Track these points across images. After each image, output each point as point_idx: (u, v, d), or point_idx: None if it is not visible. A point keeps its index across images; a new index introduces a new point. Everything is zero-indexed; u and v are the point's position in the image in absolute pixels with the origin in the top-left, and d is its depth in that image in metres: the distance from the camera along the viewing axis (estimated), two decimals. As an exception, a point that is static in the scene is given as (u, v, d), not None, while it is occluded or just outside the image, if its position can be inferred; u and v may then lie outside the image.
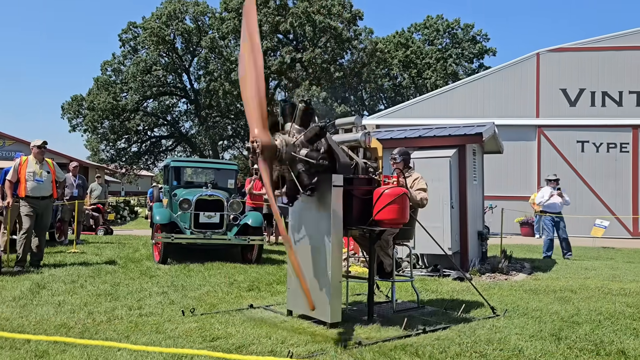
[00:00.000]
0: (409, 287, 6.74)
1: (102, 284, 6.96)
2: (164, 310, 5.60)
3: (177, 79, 40.99)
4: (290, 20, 34.99)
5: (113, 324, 4.96)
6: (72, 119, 39.57)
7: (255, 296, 6.55)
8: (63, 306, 5.61)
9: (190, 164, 12.03)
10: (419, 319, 5.38)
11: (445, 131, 9.07)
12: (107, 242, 12.34)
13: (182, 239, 9.04)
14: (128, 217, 23.49)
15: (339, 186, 5.10)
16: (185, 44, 39.73)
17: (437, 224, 8.08)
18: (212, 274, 8.00)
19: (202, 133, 40.12)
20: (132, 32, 39.35)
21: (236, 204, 9.64)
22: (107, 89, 37.53)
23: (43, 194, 8.12)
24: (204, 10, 38.98)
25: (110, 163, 39.65)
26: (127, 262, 9.07)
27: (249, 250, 9.55)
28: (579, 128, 17.84)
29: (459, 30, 46.20)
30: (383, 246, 5.70)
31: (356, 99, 44.39)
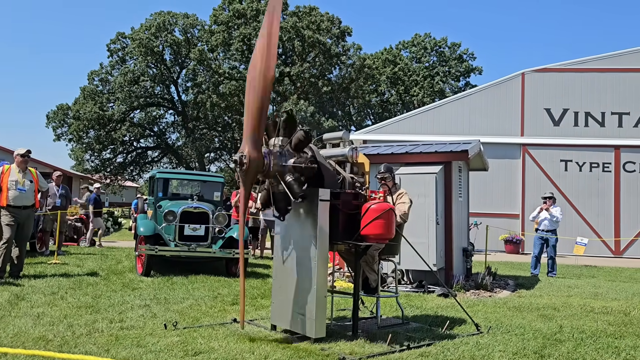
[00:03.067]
0: (394, 303, 6.73)
1: (83, 296, 6.84)
2: (146, 323, 5.52)
3: (165, 91, 40.89)
4: (280, 35, 35.18)
5: (93, 337, 4.87)
6: (57, 128, 39.20)
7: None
8: (42, 318, 5.49)
9: (176, 175, 11.93)
10: (404, 335, 5.36)
11: (431, 148, 9.14)
12: (90, 254, 12.16)
13: (166, 251, 8.94)
14: (112, 229, 23.19)
15: (325, 200, 5.10)
16: (173, 56, 39.72)
17: (423, 240, 8.10)
18: (195, 287, 7.91)
19: (189, 145, 39.96)
20: (120, 43, 39.26)
21: (221, 217, 9.58)
22: (93, 99, 37.27)
23: (25, 204, 7.99)
24: (193, 22, 39.09)
25: (94, 173, 39.24)
26: (109, 273, 8.94)
27: (234, 264, 9.47)
28: (562, 147, 18.11)
29: (446, 48, 46.85)
30: (369, 261, 5.69)
31: (344, 114, 44.63)
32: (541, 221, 11.60)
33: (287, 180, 4.91)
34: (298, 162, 4.94)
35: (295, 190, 4.84)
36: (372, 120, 45.86)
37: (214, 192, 10.91)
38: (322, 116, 35.55)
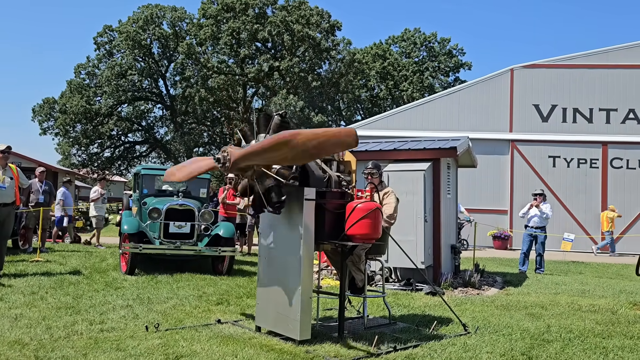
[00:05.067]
0: (381, 302, 6.65)
1: (64, 296, 6.69)
2: (127, 325, 5.39)
3: (153, 84, 40.44)
4: (269, 29, 34.92)
5: (71, 340, 4.74)
6: (43, 121, 38.62)
7: (224, 310, 6.37)
8: (20, 320, 5.34)
9: (161, 172, 11.75)
10: (390, 336, 5.29)
11: (420, 144, 9.06)
12: (74, 251, 11.95)
13: (151, 250, 8.79)
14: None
15: (311, 199, 4.99)
16: (161, 49, 39.27)
17: (411, 238, 8.03)
18: (180, 286, 7.78)
19: (177, 139, 39.58)
20: (107, 36, 38.73)
21: (207, 214, 9.44)
22: (80, 92, 36.78)
23: (5, 201, 7.80)
24: (181, 15, 38.66)
25: (81, 168, 38.77)
26: (92, 272, 8.77)
27: (220, 262, 9.34)
28: (550, 143, 18.14)
29: (435, 43, 46.80)
30: (355, 261, 5.60)
31: (333, 109, 44.48)
32: (531, 218, 11.59)
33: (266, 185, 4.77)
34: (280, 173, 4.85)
35: (272, 200, 4.73)
36: (362, 115, 45.75)
37: (200, 189, 10.75)
38: (311, 111, 35.38)
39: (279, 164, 4.66)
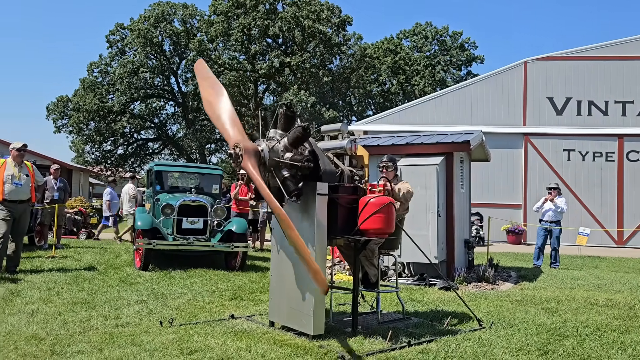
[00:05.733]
0: (395, 297, 6.62)
1: (79, 291, 6.75)
2: (142, 320, 5.42)
3: (165, 82, 40.65)
4: (280, 25, 34.88)
5: (87, 335, 4.77)
6: (57, 120, 39.02)
7: (237, 305, 6.39)
8: (36, 315, 5.40)
9: (174, 168, 11.80)
10: (404, 331, 5.26)
11: (433, 138, 8.99)
12: (89, 247, 12.07)
13: (164, 246, 8.84)
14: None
15: (323, 194, 4.98)
16: (173, 47, 39.43)
17: (424, 232, 7.99)
18: (194, 282, 7.82)
19: (190, 136, 39.79)
20: (119, 34, 38.98)
21: (220, 210, 9.46)
22: (93, 90, 37.08)
23: (21, 198, 7.88)
24: (192, 12, 38.75)
25: (95, 165, 39.14)
26: (107, 268, 8.85)
27: (233, 257, 9.37)
28: (565, 136, 17.92)
29: (447, 37, 46.44)
30: (368, 256, 5.57)
31: (344, 104, 44.37)
32: (545, 212, 11.46)
33: (283, 175, 4.77)
34: (294, 159, 4.79)
35: (290, 188, 4.70)
36: (373, 110, 45.58)
37: (212, 185, 10.78)
38: (322, 106, 35.32)
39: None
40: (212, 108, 5.09)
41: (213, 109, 5.08)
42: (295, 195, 4.68)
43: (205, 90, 5.27)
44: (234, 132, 4.80)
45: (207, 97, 5.19)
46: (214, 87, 5.25)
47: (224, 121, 4.91)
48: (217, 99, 5.10)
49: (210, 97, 5.16)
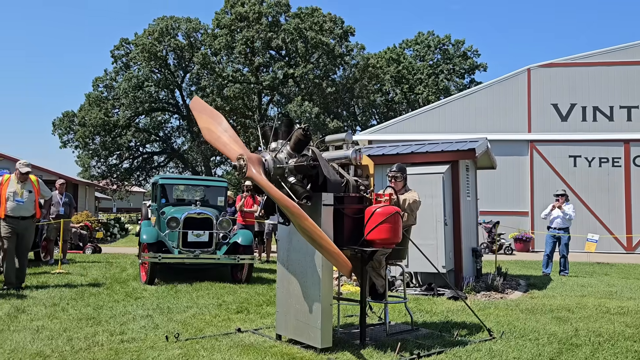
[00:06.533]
0: (403, 308, 6.54)
1: (85, 307, 6.71)
2: (147, 335, 5.37)
3: (169, 95, 40.90)
4: (283, 37, 35.09)
5: (92, 352, 4.72)
6: (63, 135, 39.31)
7: (244, 319, 6.33)
8: (41, 332, 5.36)
9: (178, 181, 11.80)
10: (413, 343, 5.18)
11: (438, 147, 8.94)
12: (95, 262, 12.05)
13: (170, 259, 8.79)
14: (118, 235, 23.13)
15: (329, 205, 4.93)
16: (177, 60, 39.72)
17: (431, 242, 7.91)
18: (200, 295, 7.76)
19: (194, 149, 39.95)
20: (124, 48, 39.33)
21: (225, 222, 9.42)
22: (98, 105, 37.36)
23: (23, 214, 7.86)
24: (196, 26, 39.06)
25: (101, 179, 39.30)
26: (112, 282, 8.81)
27: (239, 270, 9.32)
28: (570, 143, 17.83)
29: (449, 46, 46.57)
30: (375, 267, 5.51)
31: (349, 114, 44.45)
32: (553, 219, 11.35)
33: (290, 181, 4.76)
34: (299, 162, 4.78)
35: (299, 192, 4.68)
36: (377, 119, 45.64)
37: (217, 197, 10.76)
38: (327, 117, 35.38)
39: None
40: (211, 133, 5.19)
41: (212, 133, 5.18)
42: (305, 198, 4.65)
43: (203, 121, 5.36)
44: (235, 146, 4.85)
45: (205, 125, 5.30)
46: (211, 116, 5.35)
47: (225, 141, 4.99)
48: (215, 124, 5.19)
49: (208, 125, 5.26)
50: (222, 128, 5.14)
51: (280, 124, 5.05)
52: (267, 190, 4.56)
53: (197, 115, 5.56)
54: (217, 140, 5.09)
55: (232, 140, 4.97)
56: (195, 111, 5.64)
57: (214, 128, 5.18)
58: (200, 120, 5.44)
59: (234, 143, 4.94)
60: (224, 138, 5.03)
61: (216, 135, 5.11)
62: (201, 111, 5.55)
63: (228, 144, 4.95)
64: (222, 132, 5.09)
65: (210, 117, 5.34)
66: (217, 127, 5.15)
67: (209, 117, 5.36)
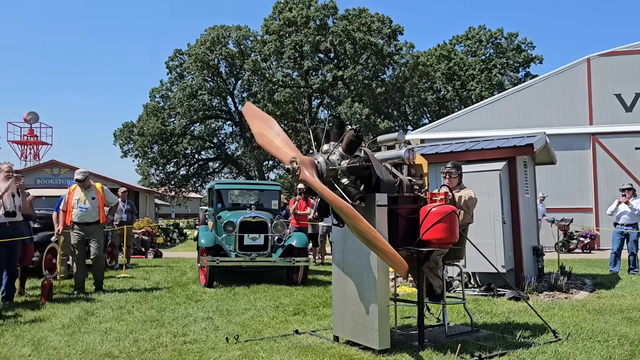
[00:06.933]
0: (462, 309, 6.40)
1: (149, 309, 6.97)
2: (209, 336, 5.51)
3: (222, 102, 41.87)
4: (331, 39, 35.21)
5: (157, 353, 4.90)
6: (124, 145, 40.97)
7: (301, 320, 6.38)
8: (109, 334, 5.61)
9: (233, 186, 12.05)
10: (474, 344, 5.05)
11: (493, 143, 8.71)
12: (156, 266, 12.50)
13: (227, 262, 9.00)
14: (177, 240, 23.91)
15: (382, 205, 4.90)
16: (228, 68, 40.62)
17: (489, 241, 7.70)
18: (257, 297, 7.89)
19: (248, 154, 40.70)
20: (178, 59, 40.62)
21: (280, 225, 9.55)
22: (155, 115, 38.72)
23: (87, 220, 8.28)
24: (246, 34, 39.82)
25: (160, 186, 40.71)
26: (174, 286, 9.11)
27: (295, 272, 9.41)
28: (636, 134, 16.89)
29: (502, 39, 45.24)
30: (432, 267, 5.42)
31: (399, 114, 44.00)
32: (620, 215, 10.78)
33: (343, 183, 4.77)
34: (351, 163, 4.78)
35: (352, 193, 4.68)
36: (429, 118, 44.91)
37: (271, 201, 10.91)
38: (377, 117, 35.18)
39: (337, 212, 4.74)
40: (264, 137, 5.27)
41: (264, 138, 5.26)
42: (359, 199, 4.65)
43: (256, 126, 5.45)
44: (288, 149, 4.91)
45: (258, 130, 5.38)
46: (264, 121, 5.43)
47: (277, 144, 5.05)
48: (268, 128, 5.27)
49: (261, 130, 5.34)
50: (274, 132, 5.22)
51: (332, 126, 5.08)
52: (320, 192, 4.58)
53: (250, 121, 5.66)
54: (269, 144, 5.18)
55: (285, 144, 5.04)
56: (248, 116, 5.76)
57: (266, 132, 5.26)
58: (253, 125, 5.54)
59: (287, 146, 5.01)
60: (276, 142, 5.10)
61: (269, 139, 5.19)
62: (254, 116, 5.66)
63: (281, 148, 5.02)
64: (275, 136, 5.16)
65: (262, 122, 5.43)
66: (270, 131, 5.23)
67: (261, 121, 5.45)
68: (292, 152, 4.87)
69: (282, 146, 5.02)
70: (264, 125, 5.36)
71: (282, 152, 4.99)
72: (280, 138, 5.12)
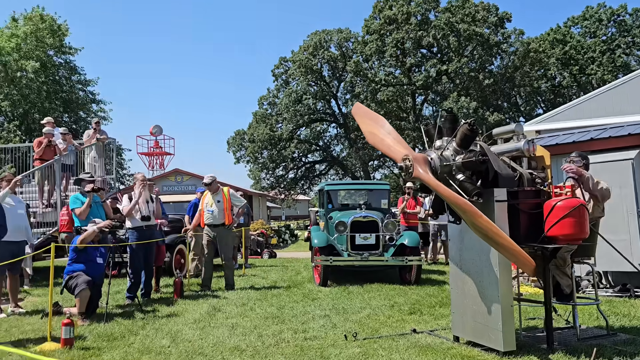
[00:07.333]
0: (593, 311, 5.93)
1: (269, 306, 7.28)
2: (327, 334, 5.63)
3: (326, 105, 42.63)
4: (433, 33, 34.39)
5: (280, 347, 5.10)
6: (236, 151, 43.24)
7: (417, 320, 6.30)
8: (236, 329, 5.94)
9: (343, 187, 12.22)
10: (612, 349, 4.66)
11: (623, 130, 7.98)
12: (272, 265, 13.03)
13: (340, 262, 9.14)
14: (289, 240, 24.74)
15: (502, 201, 4.69)
16: (331, 71, 41.27)
17: (623, 237, 7.06)
18: (372, 297, 7.92)
19: (353, 155, 41.02)
20: (283, 67, 42.04)
21: (391, 224, 9.51)
22: (264, 122, 40.41)
23: (214, 222, 8.87)
24: (347, 36, 40.19)
25: (270, 190, 42.41)
26: (290, 285, 9.43)
27: (407, 271, 9.32)
28: None
29: (626, 16, 41.20)
30: (559, 265, 5.08)
31: (510, 105, 41.79)
32: None
33: (459, 179, 4.64)
34: (467, 158, 4.63)
35: (469, 189, 4.53)
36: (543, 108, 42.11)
37: (381, 200, 10.91)
38: (485, 111, 33.72)
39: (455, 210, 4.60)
40: (375, 136, 5.29)
41: (375, 137, 5.28)
42: (476, 195, 4.49)
43: (366, 126, 5.48)
44: (400, 147, 4.88)
45: (368, 129, 5.41)
46: (373, 120, 5.46)
47: (389, 143, 5.04)
48: (378, 127, 5.28)
49: (371, 129, 5.36)
50: (385, 131, 5.22)
51: (444, 121, 4.96)
52: (436, 189, 4.50)
53: (360, 120, 5.71)
54: (381, 143, 5.18)
55: (396, 142, 5.01)
56: (358, 116, 5.80)
57: (377, 131, 5.27)
58: (363, 125, 5.58)
59: (398, 144, 4.98)
60: (387, 140, 5.10)
61: (380, 138, 5.20)
62: (363, 116, 5.70)
63: (392, 146, 5.01)
64: (386, 134, 5.16)
65: (372, 121, 5.45)
66: (380, 130, 5.23)
67: (371, 121, 5.47)
68: (404, 150, 4.83)
69: (394, 144, 5.00)
70: (375, 124, 5.37)
71: (393, 150, 4.97)
72: (391, 136, 5.11)
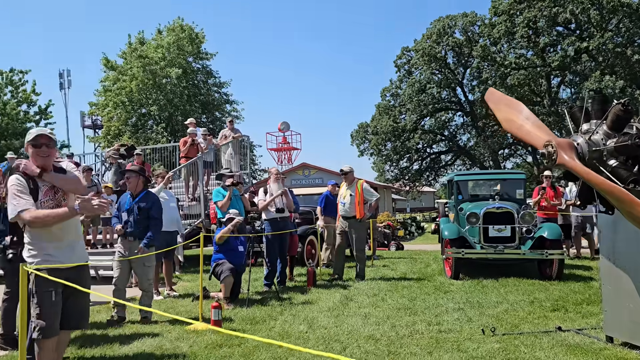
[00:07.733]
0: None
1: (400, 298, 7.28)
2: (462, 327, 5.49)
3: (451, 94, 41.24)
4: (571, 8, 31.56)
5: (414, 339, 5.08)
6: (360, 144, 43.61)
7: (561, 317, 5.89)
8: (369, 318, 6.03)
9: (474, 177, 11.76)
10: None
11: None
12: (400, 257, 12.99)
13: (473, 254, 8.83)
14: (415, 233, 24.44)
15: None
16: (456, 58, 39.80)
17: None
18: (508, 291, 7.56)
19: (481, 144, 39.27)
20: (405, 57, 41.44)
21: (528, 215, 8.96)
22: (387, 113, 40.23)
23: (346, 215, 9.06)
24: (472, 20, 38.45)
25: (395, 182, 42.18)
26: (420, 277, 9.33)
27: (548, 266, 8.72)
28: None
29: None
30: None
31: (666, 82, 37.00)
32: None
33: (610, 165, 4.23)
34: (620, 142, 4.20)
35: (623, 176, 4.11)
36: None
37: (516, 190, 10.34)
38: (635, 90, 30.25)
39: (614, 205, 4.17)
40: (512, 123, 4.96)
41: (512, 123, 4.95)
42: (633, 182, 4.06)
43: (502, 112, 5.16)
44: (541, 133, 4.55)
45: (504, 116, 5.08)
46: (510, 105, 5.11)
47: (528, 129, 4.72)
48: (516, 113, 4.95)
49: (507, 115, 5.03)
50: (523, 116, 4.91)
51: (592, 102, 4.54)
52: (584, 177, 4.15)
53: (494, 107, 5.44)
54: (519, 129, 4.89)
55: (536, 128, 4.69)
56: (492, 103, 5.53)
57: (514, 117, 4.98)
58: (499, 112, 5.31)
59: (539, 130, 4.66)
60: (526, 126, 4.79)
61: (518, 124, 4.90)
62: (498, 102, 5.41)
63: (532, 132, 4.70)
64: (524, 120, 4.85)
65: (509, 107, 5.16)
66: (518, 115, 4.94)
67: (507, 106, 5.18)
68: (545, 136, 4.51)
69: (534, 130, 4.68)
70: (511, 110, 5.08)
71: (534, 137, 4.66)
72: (530, 121, 4.79)
